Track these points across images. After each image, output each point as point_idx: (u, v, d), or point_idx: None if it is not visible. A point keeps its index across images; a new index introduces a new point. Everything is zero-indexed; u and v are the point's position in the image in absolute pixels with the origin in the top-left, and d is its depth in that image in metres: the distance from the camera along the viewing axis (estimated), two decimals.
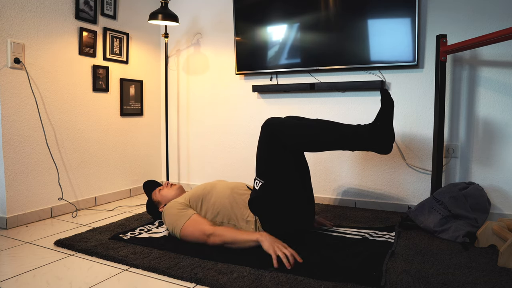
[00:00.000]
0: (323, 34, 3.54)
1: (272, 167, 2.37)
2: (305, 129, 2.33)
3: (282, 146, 2.33)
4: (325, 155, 3.70)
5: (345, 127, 2.32)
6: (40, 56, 3.19)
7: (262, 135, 2.40)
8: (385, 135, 2.30)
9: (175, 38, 4.44)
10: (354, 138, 2.28)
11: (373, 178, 3.53)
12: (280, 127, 2.34)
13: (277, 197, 2.38)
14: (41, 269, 2.19)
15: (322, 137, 2.31)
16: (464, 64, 3.18)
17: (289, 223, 2.42)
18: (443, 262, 2.20)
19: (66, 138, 3.42)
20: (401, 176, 3.43)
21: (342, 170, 3.66)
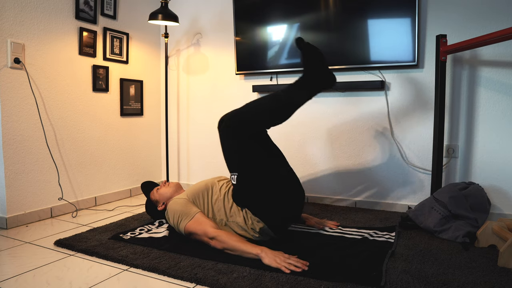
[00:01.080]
0: (323, 34, 3.54)
1: (241, 156, 2.45)
2: (254, 108, 2.46)
3: (244, 135, 2.42)
4: (325, 155, 3.70)
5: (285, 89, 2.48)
6: (40, 56, 3.19)
7: (221, 134, 2.50)
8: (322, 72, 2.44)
9: (175, 38, 4.44)
10: (299, 91, 2.43)
11: (373, 178, 3.53)
12: (233, 118, 2.44)
13: (257, 182, 2.44)
14: (41, 269, 2.19)
15: (270, 105, 2.44)
16: (464, 64, 3.18)
17: (279, 205, 2.44)
18: (443, 262, 2.20)
19: (66, 138, 3.42)
20: (401, 176, 3.43)
21: (342, 170, 3.66)
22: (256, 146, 2.45)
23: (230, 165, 2.52)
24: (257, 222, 2.45)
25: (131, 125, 4.13)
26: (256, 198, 2.44)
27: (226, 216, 2.53)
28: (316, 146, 3.74)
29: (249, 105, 2.48)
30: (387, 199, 3.50)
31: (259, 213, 2.44)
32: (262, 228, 2.46)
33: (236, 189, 2.52)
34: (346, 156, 3.63)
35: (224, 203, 2.57)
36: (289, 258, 2.17)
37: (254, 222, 2.46)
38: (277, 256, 2.17)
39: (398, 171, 3.44)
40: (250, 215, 2.47)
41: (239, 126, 2.42)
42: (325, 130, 3.69)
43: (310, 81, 2.45)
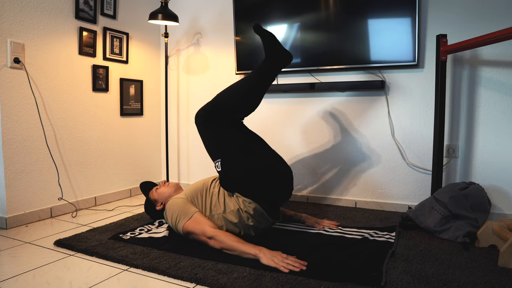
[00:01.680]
0: (323, 33, 3.54)
1: (220, 143, 2.55)
2: (223, 96, 2.59)
3: (217, 122, 2.54)
4: (325, 155, 3.70)
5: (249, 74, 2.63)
6: (40, 56, 3.19)
7: (198, 127, 2.62)
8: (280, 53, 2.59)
9: (175, 38, 4.44)
10: (261, 74, 2.58)
11: (373, 178, 3.53)
12: (206, 109, 2.57)
13: (239, 162, 2.49)
14: (41, 269, 2.19)
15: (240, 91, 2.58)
16: (465, 64, 3.18)
17: (265, 180, 2.47)
18: (444, 262, 2.20)
19: (66, 138, 3.42)
20: (401, 176, 3.44)
21: (342, 170, 3.66)
22: (232, 130, 2.55)
23: (212, 153, 2.59)
24: (249, 204, 2.47)
25: (131, 125, 4.13)
26: (242, 178, 2.47)
27: (222, 209, 2.54)
28: (316, 146, 3.74)
29: (220, 94, 2.60)
30: (387, 199, 3.50)
31: (248, 193, 2.47)
32: (255, 208, 2.47)
33: (223, 175, 2.55)
34: (347, 156, 3.63)
35: (218, 197, 2.59)
36: (287, 258, 2.18)
37: (246, 205, 2.47)
38: (275, 256, 2.17)
39: (398, 171, 3.44)
40: (241, 199, 2.49)
41: (214, 115, 2.54)
42: (325, 130, 3.69)
43: (272, 61, 2.57)
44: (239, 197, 2.50)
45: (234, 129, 2.56)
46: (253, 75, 2.59)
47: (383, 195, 3.51)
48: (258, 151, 2.53)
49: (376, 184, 3.53)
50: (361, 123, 3.55)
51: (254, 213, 2.48)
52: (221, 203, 2.56)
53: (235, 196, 2.52)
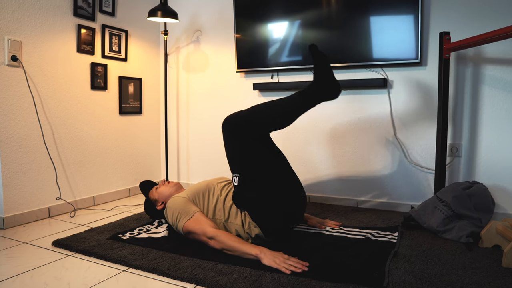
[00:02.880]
0: (324, 31, 3.53)
1: (244, 158, 2.45)
2: (259, 111, 2.45)
3: (247, 136, 2.42)
4: (326, 154, 3.70)
5: (292, 95, 2.45)
6: (38, 54, 3.19)
7: (224, 135, 2.49)
8: (328, 82, 2.40)
9: (174, 36, 4.44)
10: (303, 98, 2.41)
11: (376, 177, 3.53)
12: (237, 119, 2.44)
13: (257, 185, 2.43)
14: (39, 270, 2.19)
15: (274, 113, 2.42)
16: (468, 62, 3.17)
17: (275, 208, 2.42)
18: (447, 262, 2.20)
19: (64, 137, 3.42)
20: (404, 175, 3.43)
21: (344, 169, 3.66)
22: (259, 148, 2.45)
23: (233, 166, 2.51)
24: (254, 228, 2.45)
25: (130, 123, 4.13)
26: (257, 201, 2.43)
27: (225, 217, 2.53)
28: (317, 145, 3.74)
29: (254, 107, 2.47)
30: (389, 198, 3.49)
31: (257, 218, 2.43)
32: (258, 234, 2.46)
33: (237, 191, 2.51)
34: (348, 155, 3.62)
35: (224, 204, 2.57)
36: (289, 258, 2.17)
37: (251, 227, 2.45)
38: (277, 257, 2.17)
39: (400, 170, 3.44)
40: (248, 220, 2.46)
41: (243, 127, 2.42)
42: (326, 129, 3.69)
43: (318, 90, 2.43)
44: (247, 216, 2.47)
45: (261, 146, 2.46)
46: (295, 98, 2.44)
47: (386, 195, 3.51)
48: (279, 178, 2.46)
49: (378, 183, 3.53)
50: (363, 122, 3.54)
51: (255, 236, 2.48)
52: (226, 211, 2.55)
53: (243, 213, 2.50)
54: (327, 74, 2.40)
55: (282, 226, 2.47)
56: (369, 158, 3.55)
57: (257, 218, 2.44)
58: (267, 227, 2.43)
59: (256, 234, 2.46)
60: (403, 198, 3.45)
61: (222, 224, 2.54)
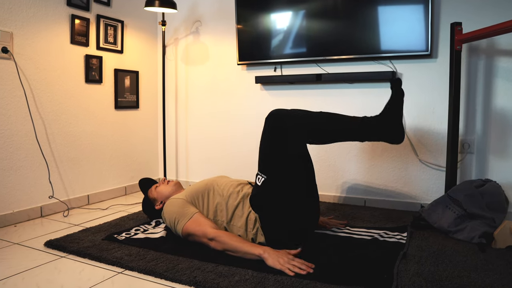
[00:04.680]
0: (330, 21, 3.52)
1: (276, 161, 2.38)
2: (311, 118, 2.39)
3: (286, 139, 2.35)
4: (332, 150, 3.69)
5: (352, 117, 2.39)
6: (30, 45, 3.18)
7: (266, 127, 2.42)
8: (393, 123, 2.37)
9: (173, 26, 4.43)
10: (362, 126, 2.37)
11: (384, 175, 3.52)
12: (285, 118, 2.37)
13: (280, 193, 2.38)
14: (31, 272, 2.19)
15: (329, 125, 2.37)
16: (480, 54, 3.16)
17: (291, 222, 2.40)
18: (458, 264, 2.19)
19: (57, 133, 3.41)
20: (413, 173, 3.42)
21: (350, 166, 3.65)
22: (295, 155, 2.38)
23: (262, 164, 2.44)
24: (260, 235, 2.44)
25: (126, 118, 4.12)
26: (274, 208, 2.39)
27: (227, 218, 2.52)
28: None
29: (309, 111, 2.42)
30: (398, 197, 3.49)
31: (269, 226, 2.41)
32: (262, 243, 2.43)
33: (257, 192, 2.45)
34: (354, 151, 3.62)
35: (228, 203, 2.56)
36: (294, 259, 2.16)
37: (258, 234, 2.44)
38: (281, 257, 2.16)
39: (410, 167, 3.43)
40: (258, 225, 2.44)
41: (290, 129, 2.35)
42: None
43: (383, 130, 2.39)
44: (257, 221, 2.44)
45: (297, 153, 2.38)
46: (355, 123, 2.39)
47: (394, 193, 3.50)
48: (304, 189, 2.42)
49: (386, 181, 3.52)
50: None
51: (258, 243, 2.46)
52: (229, 213, 2.53)
53: (249, 216, 2.47)
54: (397, 115, 2.38)
55: (291, 236, 2.44)
56: (376, 154, 3.54)
57: (268, 226, 2.41)
58: (275, 235, 2.41)
59: (260, 242, 2.43)
60: (412, 197, 3.44)
61: (224, 227, 2.53)
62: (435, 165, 3.35)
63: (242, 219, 2.49)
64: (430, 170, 3.37)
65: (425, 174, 3.39)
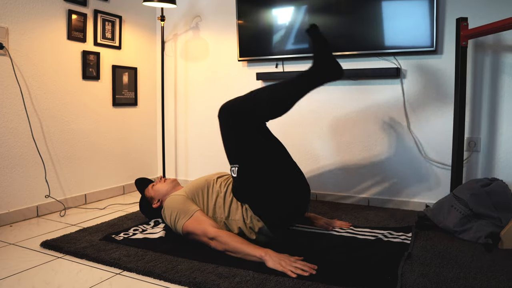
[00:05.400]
0: (333, 16, 3.51)
1: (242, 148, 2.47)
2: (257, 95, 2.49)
3: (244, 124, 2.44)
4: (334, 149, 3.68)
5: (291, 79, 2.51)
6: (25, 41, 3.17)
7: (221, 123, 2.52)
8: (328, 62, 2.48)
9: (172, 22, 4.42)
10: (303, 78, 2.48)
11: (388, 173, 3.52)
12: (235, 105, 2.47)
13: (258, 176, 2.45)
14: (27, 273, 2.18)
15: (274, 94, 2.46)
16: (487, 50, 3.15)
17: (278, 200, 2.44)
18: (464, 265, 2.19)
19: (53, 130, 3.41)
20: (418, 171, 3.42)
21: (353, 165, 3.64)
22: (257, 136, 2.47)
23: (230, 157, 2.53)
24: (256, 221, 2.46)
25: (124, 116, 4.12)
26: (258, 192, 2.45)
27: (225, 214, 2.54)
28: (326, 139, 3.73)
29: (252, 93, 2.50)
30: (402, 196, 3.48)
31: (259, 210, 2.45)
32: (261, 228, 2.47)
33: (236, 183, 2.53)
34: (359, 150, 3.61)
35: (225, 200, 2.58)
36: (295, 261, 2.16)
37: (254, 221, 2.46)
38: (282, 259, 2.16)
39: (415, 166, 3.43)
40: (250, 214, 2.47)
41: (241, 114, 2.44)
42: (336, 121, 3.67)
43: (320, 72, 2.48)
44: (248, 210, 2.49)
45: (258, 135, 2.49)
46: (294, 81, 2.49)
47: (399, 193, 3.50)
48: (280, 166, 2.49)
49: (390, 180, 3.52)
50: (374, 114, 3.53)
51: (259, 231, 2.49)
52: (226, 208, 2.55)
53: (244, 207, 2.51)
54: (329, 54, 2.47)
55: (286, 216, 2.49)
56: (381, 153, 3.53)
57: (259, 210, 2.45)
58: (270, 218, 2.45)
59: (260, 228, 2.46)
60: (417, 196, 3.44)
61: (223, 223, 2.54)
62: (440, 164, 3.34)
63: (238, 212, 2.52)
64: (435, 169, 3.36)
65: (430, 173, 3.38)
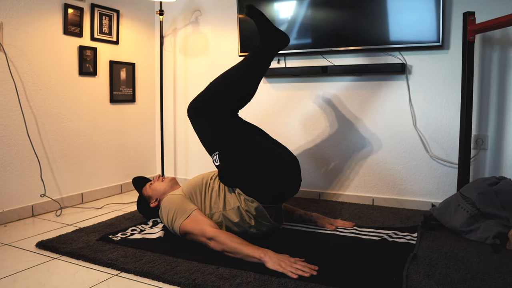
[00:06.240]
0: (336, 11, 3.50)
1: (217, 134, 2.60)
2: (217, 83, 2.66)
3: (212, 114, 2.62)
4: (338, 147, 3.68)
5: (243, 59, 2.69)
6: (20, 36, 3.17)
7: (192, 121, 2.69)
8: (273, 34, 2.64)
9: (171, 16, 4.42)
10: (256, 54, 2.65)
11: (393, 172, 3.52)
12: (198, 100, 2.65)
13: (239, 154, 2.52)
14: (22, 274, 2.19)
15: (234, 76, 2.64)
16: (495, 45, 3.14)
17: (266, 178, 2.48)
18: (471, 266, 2.19)
19: (49, 128, 3.41)
20: (424, 169, 3.42)
21: (357, 163, 3.64)
22: (228, 120, 2.60)
23: (208, 147, 2.64)
24: (251, 203, 2.48)
25: (122, 112, 4.12)
26: (244, 170, 2.50)
27: (222, 205, 2.56)
28: (328, 136, 3.72)
29: (213, 82, 2.66)
30: (408, 195, 3.48)
31: (251, 188, 2.48)
32: (257, 208, 2.48)
33: (221, 169, 2.58)
34: (363, 148, 3.61)
35: (219, 192, 2.61)
36: (296, 262, 2.16)
37: (248, 203, 2.48)
38: (282, 260, 2.16)
39: (420, 164, 3.42)
40: (243, 197, 2.50)
41: (208, 105, 2.60)
42: (339, 118, 3.67)
43: (269, 43, 2.62)
44: (241, 194, 2.50)
45: (230, 119, 2.61)
46: (247, 60, 2.64)
47: (404, 192, 3.49)
48: (259, 139, 2.56)
49: (395, 179, 3.52)
50: (379, 111, 3.52)
51: (257, 213, 2.50)
52: (221, 199, 2.57)
53: (236, 192, 2.53)
54: (270, 26, 2.63)
55: (277, 189, 2.53)
56: (385, 150, 3.53)
57: (250, 189, 2.49)
58: (261, 195, 2.48)
59: (255, 208, 2.48)
60: (423, 195, 3.44)
61: (221, 215, 2.55)
62: (447, 162, 3.34)
63: (232, 199, 2.55)
64: (442, 167, 3.36)
65: (437, 171, 3.38)
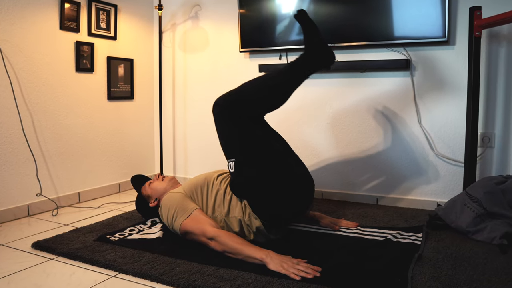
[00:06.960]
0: (339, 5, 3.50)
1: (238, 140, 2.52)
2: (250, 87, 2.56)
3: (239, 116, 2.49)
4: (341, 144, 3.68)
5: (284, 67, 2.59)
6: (16, 31, 3.17)
7: (215, 118, 2.58)
8: (320, 48, 2.55)
9: (170, 11, 4.41)
10: (296, 67, 2.55)
11: (397, 170, 3.51)
12: (228, 99, 2.54)
13: (255, 169, 2.47)
14: (17, 275, 2.18)
15: (269, 83, 2.54)
16: (502, 40, 3.14)
17: (279, 196, 2.45)
18: (477, 267, 2.18)
19: (45, 125, 3.41)
20: (429, 168, 3.41)
21: (361, 162, 3.64)
22: (253, 129, 2.51)
23: (227, 151, 2.57)
24: (254, 219, 2.47)
25: (120, 110, 4.12)
26: (255, 186, 2.47)
27: (225, 211, 2.55)
28: (331, 134, 3.72)
29: (245, 84, 2.56)
30: (413, 195, 3.48)
31: (258, 206, 2.46)
32: (259, 227, 2.48)
33: (234, 178, 2.54)
34: (367, 146, 3.60)
35: (224, 197, 2.59)
36: (298, 263, 2.16)
37: (251, 219, 2.47)
38: (284, 261, 2.16)
39: (425, 163, 3.42)
40: (249, 211, 2.48)
41: (235, 107, 2.49)
42: (342, 115, 3.67)
43: (312, 59, 2.54)
44: (247, 207, 2.50)
45: (255, 126, 2.54)
46: (286, 70, 2.56)
47: (409, 191, 3.49)
48: (279, 158, 2.51)
49: (400, 178, 3.51)
50: (383, 108, 3.52)
51: (256, 231, 2.50)
52: (226, 204, 2.56)
53: (243, 204, 2.52)
54: (319, 40, 2.52)
55: (285, 212, 2.50)
56: (390, 149, 3.52)
57: (257, 206, 2.46)
58: (269, 215, 2.46)
59: (257, 227, 2.47)
60: (428, 195, 3.43)
61: (223, 220, 2.54)
62: (452, 160, 3.34)
63: (237, 208, 2.53)
64: (448, 166, 3.36)
65: (442, 170, 3.37)
